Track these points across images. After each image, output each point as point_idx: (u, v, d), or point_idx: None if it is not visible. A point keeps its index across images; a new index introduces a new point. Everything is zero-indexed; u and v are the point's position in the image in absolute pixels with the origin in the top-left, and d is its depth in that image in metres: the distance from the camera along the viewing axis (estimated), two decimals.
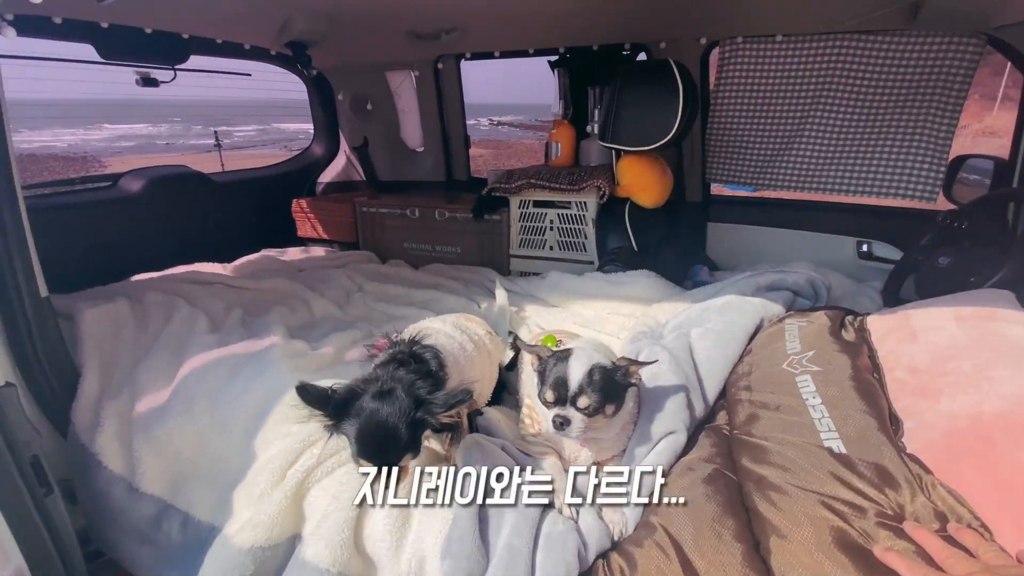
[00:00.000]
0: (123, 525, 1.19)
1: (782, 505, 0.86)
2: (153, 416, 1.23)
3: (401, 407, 0.89)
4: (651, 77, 1.89)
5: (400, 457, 0.90)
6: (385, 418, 0.89)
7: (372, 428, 0.90)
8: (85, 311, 1.47)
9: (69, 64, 2.28)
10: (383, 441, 0.89)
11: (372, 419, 0.90)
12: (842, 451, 0.91)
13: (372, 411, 0.90)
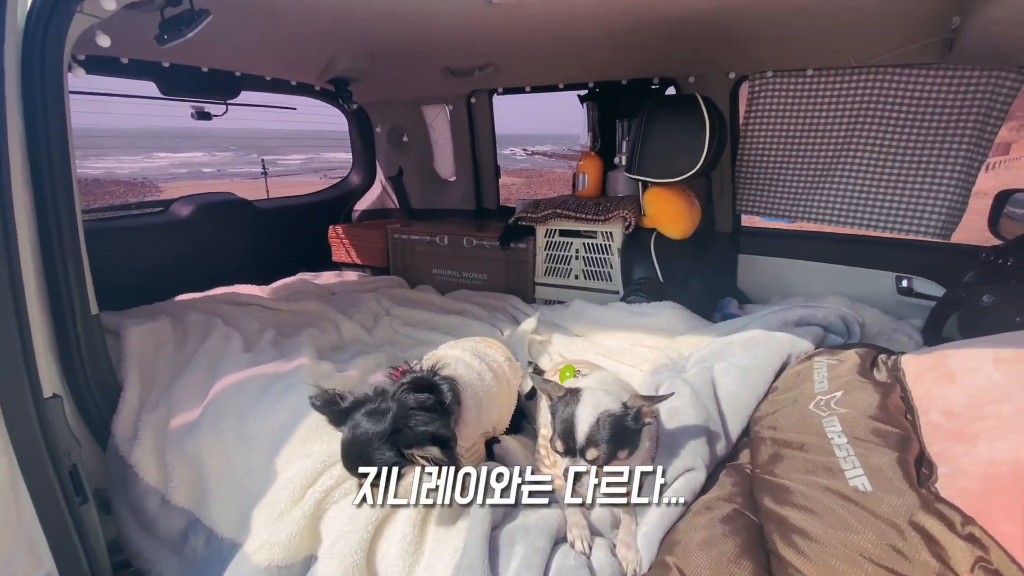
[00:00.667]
0: (154, 536, 1.23)
1: (810, 552, 0.82)
2: (185, 430, 1.28)
3: (381, 430, 0.96)
4: (678, 111, 1.92)
5: (359, 475, 0.97)
6: (363, 435, 0.96)
7: (349, 441, 0.98)
8: (130, 328, 1.56)
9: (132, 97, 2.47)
10: (355, 456, 0.97)
11: (353, 432, 0.98)
12: (867, 488, 0.87)
13: (355, 424, 0.98)
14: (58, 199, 1.22)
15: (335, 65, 2.59)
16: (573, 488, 0.97)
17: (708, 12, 1.85)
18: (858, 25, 1.93)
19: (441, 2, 1.78)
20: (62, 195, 1.22)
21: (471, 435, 1.12)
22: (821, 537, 0.84)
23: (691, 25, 2.00)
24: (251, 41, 2.25)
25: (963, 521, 0.80)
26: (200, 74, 2.39)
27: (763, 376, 1.28)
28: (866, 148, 2.22)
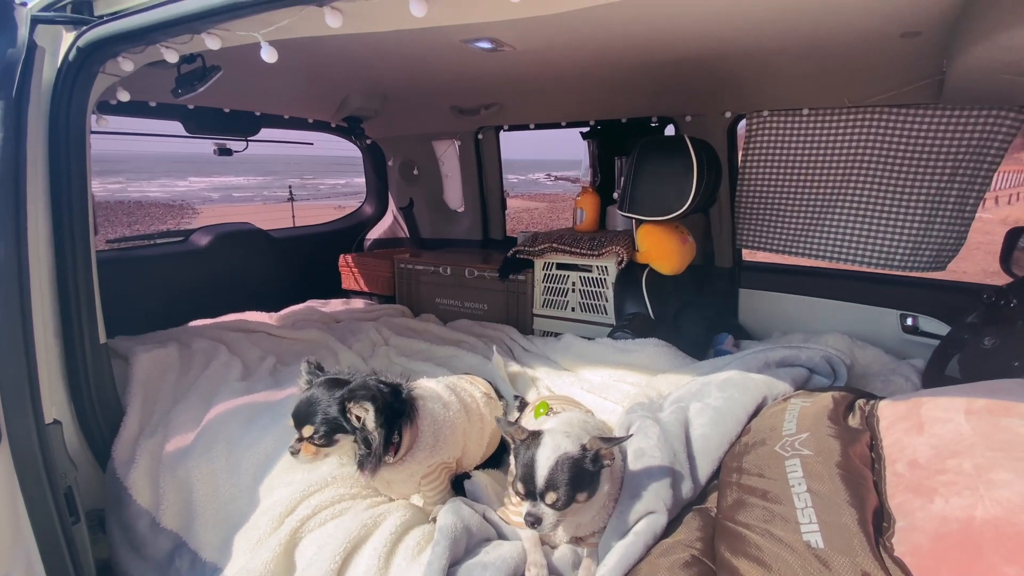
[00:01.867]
0: (143, 556, 1.29)
1: None
2: (178, 455, 1.35)
3: (333, 394, 1.08)
4: (667, 152, 1.97)
5: (302, 427, 1.08)
6: (315, 396, 1.10)
7: (303, 398, 1.11)
8: (139, 355, 1.66)
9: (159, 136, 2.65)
10: (303, 411, 1.09)
11: (309, 392, 1.12)
12: (820, 546, 0.87)
13: (314, 386, 1.12)
14: (75, 238, 1.33)
15: (349, 104, 2.74)
16: (534, 530, 1.00)
17: (702, 56, 1.92)
18: (849, 67, 1.97)
19: (448, 49, 1.88)
20: (79, 234, 1.34)
21: (425, 460, 1.15)
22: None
23: (686, 68, 2.07)
24: (270, 85, 2.41)
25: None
26: (223, 115, 2.56)
27: (736, 418, 1.29)
28: (861, 185, 2.23)
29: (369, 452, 1.05)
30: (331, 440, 1.07)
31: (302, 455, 1.08)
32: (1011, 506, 0.83)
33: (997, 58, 1.32)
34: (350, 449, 1.10)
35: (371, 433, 1.05)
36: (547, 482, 0.97)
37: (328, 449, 1.08)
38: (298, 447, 1.08)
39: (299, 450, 1.08)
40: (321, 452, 1.08)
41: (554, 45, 1.86)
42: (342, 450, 1.10)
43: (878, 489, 1.02)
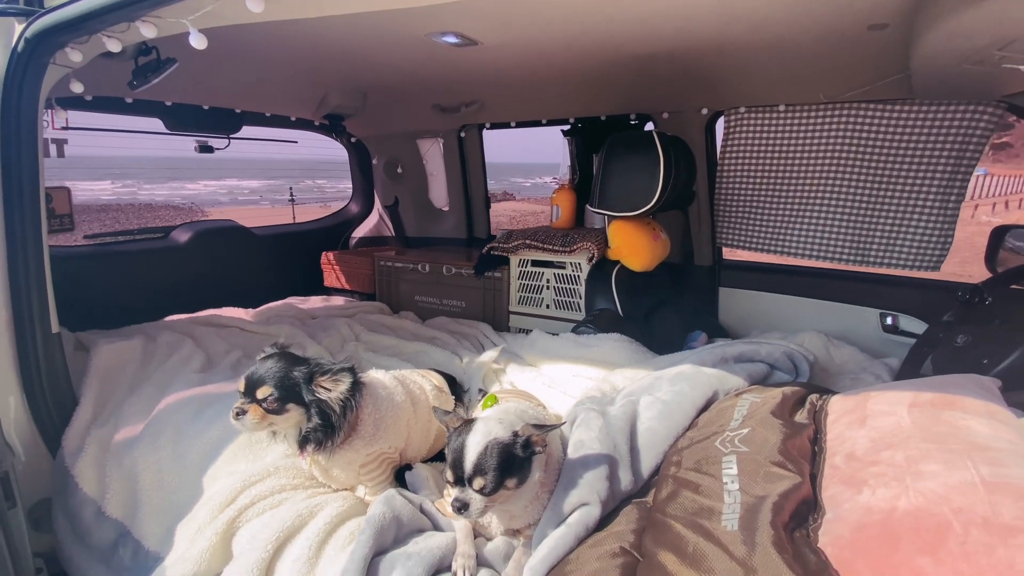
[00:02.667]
0: (88, 545, 1.29)
1: None
2: (126, 445, 1.35)
3: (281, 369, 1.11)
4: (635, 147, 1.95)
5: (252, 394, 1.09)
6: (270, 364, 1.12)
7: (258, 366, 1.13)
8: (100, 346, 1.67)
9: (138, 133, 2.67)
10: (254, 375, 1.11)
11: (266, 359, 1.14)
12: (734, 529, 0.85)
13: (271, 356, 1.15)
14: (26, 227, 1.34)
15: (329, 102, 2.76)
16: (460, 517, 0.98)
17: (674, 51, 1.91)
18: (822, 63, 1.94)
19: (417, 44, 1.88)
20: (30, 224, 1.34)
21: (363, 449, 1.15)
22: None
23: (660, 63, 2.06)
24: (247, 81, 2.43)
25: (818, 567, 0.78)
26: (202, 112, 2.58)
27: (684, 412, 1.27)
28: (840, 182, 2.21)
29: (322, 425, 1.06)
30: (282, 408, 1.08)
31: (248, 417, 1.08)
32: (933, 497, 0.80)
33: (952, 47, 1.29)
34: (295, 425, 1.10)
35: (334, 406, 1.05)
36: (475, 467, 0.95)
37: (275, 418, 1.09)
38: (246, 408, 1.08)
39: (246, 412, 1.08)
40: (267, 419, 1.09)
41: (524, 40, 1.85)
42: (286, 423, 1.10)
43: (814, 482, 1.00)
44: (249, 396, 1.08)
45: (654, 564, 0.88)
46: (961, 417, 1.00)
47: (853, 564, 0.78)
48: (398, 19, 1.64)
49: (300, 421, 1.10)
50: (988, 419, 0.99)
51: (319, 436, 1.08)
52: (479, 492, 0.96)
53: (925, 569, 0.71)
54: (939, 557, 0.71)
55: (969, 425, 0.97)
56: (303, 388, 1.08)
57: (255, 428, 1.09)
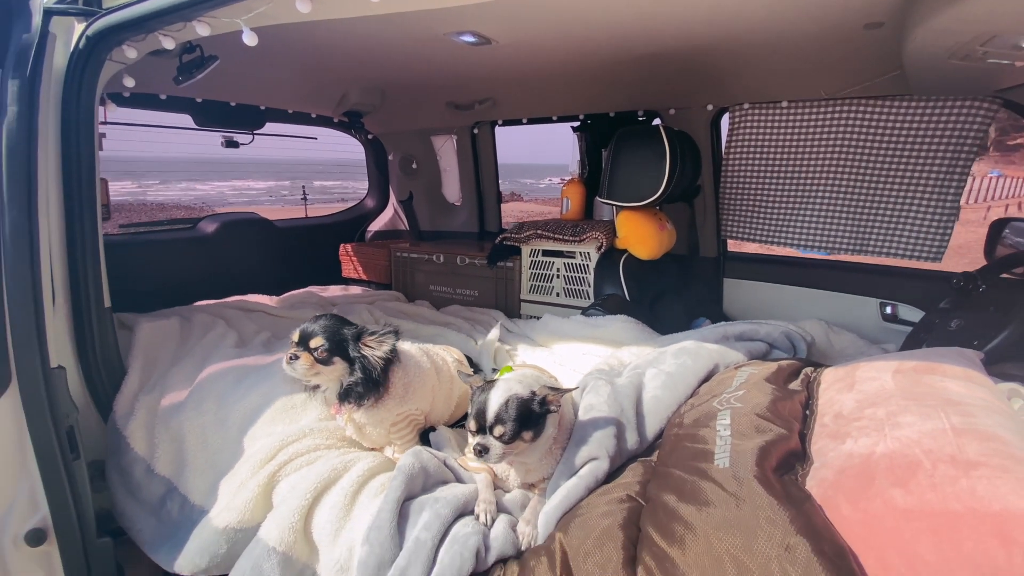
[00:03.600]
0: (139, 499, 1.41)
1: (665, 519, 0.91)
2: (172, 410, 1.47)
3: (332, 326, 1.25)
4: (642, 140, 2.05)
5: (305, 345, 1.23)
6: (322, 321, 1.26)
7: (311, 323, 1.27)
8: (142, 323, 1.79)
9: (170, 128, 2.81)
10: (308, 329, 1.25)
11: (319, 318, 1.28)
12: (726, 465, 0.95)
13: (323, 316, 1.29)
14: (84, 212, 1.47)
15: (348, 99, 2.88)
16: (480, 461, 1.09)
17: (680, 49, 2.00)
18: (822, 60, 2.03)
19: (435, 44, 2.00)
20: (87, 209, 1.47)
21: (394, 408, 1.26)
22: (681, 511, 0.92)
23: (667, 61, 2.16)
24: (272, 79, 2.56)
25: (800, 498, 0.87)
26: (229, 108, 2.71)
27: (687, 383, 1.37)
28: (841, 175, 2.29)
29: (365, 379, 1.17)
30: (330, 359, 1.20)
31: (300, 362, 1.21)
32: (907, 441, 0.90)
33: (939, 43, 1.38)
34: (337, 379, 1.21)
35: (376, 364, 1.17)
36: (496, 416, 1.06)
37: (322, 368, 1.21)
38: (299, 355, 1.21)
39: (299, 358, 1.21)
40: (315, 368, 1.22)
41: (536, 39, 1.96)
42: (329, 376, 1.22)
43: (804, 439, 1.10)
44: (302, 346, 1.21)
45: (657, 504, 0.98)
46: (940, 380, 1.10)
47: (834, 499, 0.88)
48: (420, 19, 1.75)
49: (342, 375, 1.22)
50: (965, 381, 1.08)
51: (359, 391, 1.20)
52: (498, 439, 1.07)
53: (896, 499, 0.81)
54: (909, 488, 0.81)
55: (946, 386, 1.07)
56: (350, 345, 1.21)
57: (304, 374, 1.22)
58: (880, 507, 0.82)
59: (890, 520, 0.80)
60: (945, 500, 0.77)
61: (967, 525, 0.73)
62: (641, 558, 0.90)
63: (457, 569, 0.95)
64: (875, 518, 0.81)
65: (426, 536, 1.00)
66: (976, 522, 0.73)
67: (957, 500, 0.77)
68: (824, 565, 0.74)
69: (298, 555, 1.14)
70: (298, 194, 24.61)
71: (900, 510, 0.79)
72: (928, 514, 0.77)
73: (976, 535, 0.72)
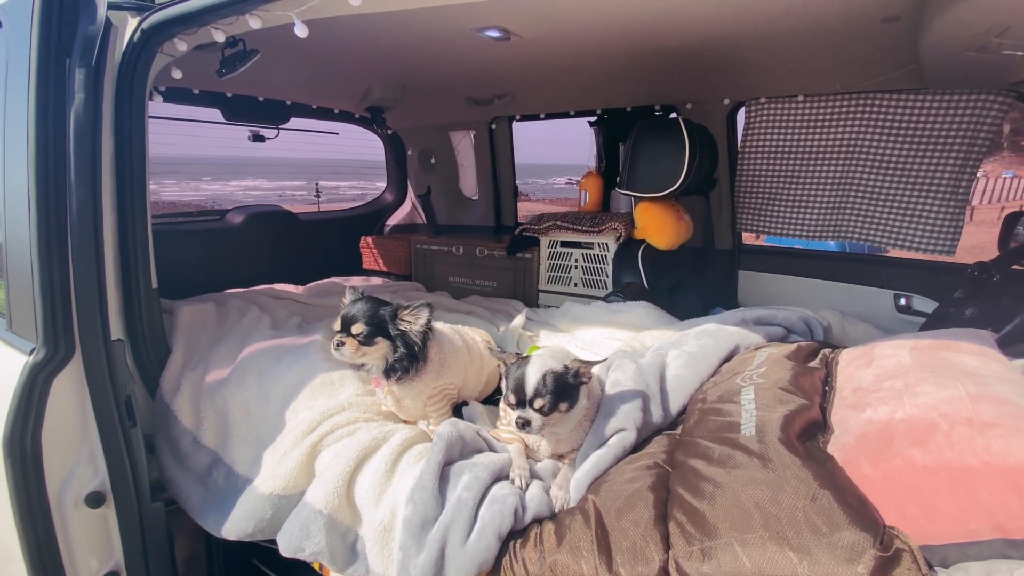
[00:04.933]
0: (186, 469, 1.49)
1: (693, 480, 0.97)
2: (216, 385, 1.55)
3: (370, 309, 1.32)
4: (662, 132, 2.11)
5: (348, 330, 1.30)
6: (360, 305, 1.33)
7: (350, 307, 1.34)
8: (182, 307, 1.88)
9: (210, 128, 2.90)
10: (348, 314, 1.32)
11: (357, 300, 1.36)
12: (751, 433, 1.01)
13: (360, 299, 1.36)
14: (135, 199, 1.54)
15: (371, 95, 2.95)
16: (521, 432, 1.16)
17: (697, 43, 2.06)
18: (838, 54, 2.08)
19: (460, 39, 2.07)
20: (138, 196, 1.55)
21: (431, 381, 1.33)
22: (709, 473, 0.99)
23: (684, 55, 2.21)
24: (299, 75, 2.64)
25: (822, 457, 0.93)
26: (257, 103, 2.79)
27: (708, 363, 1.43)
28: (856, 169, 2.33)
29: (408, 353, 1.24)
30: (371, 340, 1.27)
31: (346, 348, 1.28)
32: (924, 407, 0.96)
33: (955, 35, 1.43)
34: (381, 357, 1.28)
35: (416, 337, 1.24)
36: (535, 390, 1.13)
37: (367, 349, 1.28)
38: (344, 341, 1.28)
39: (344, 343, 1.28)
40: (360, 351, 1.29)
41: (559, 33, 2.02)
42: (374, 355, 1.29)
43: (823, 411, 1.15)
44: (345, 332, 1.28)
45: (685, 468, 1.04)
46: (956, 355, 1.15)
47: (855, 460, 0.93)
48: (448, 14, 1.82)
49: (386, 352, 1.29)
50: (980, 356, 1.14)
51: (404, 364, 1.27)
52: (538, 411, 1.13)
53: (915, 457, 0.87)
54: (927, 448, 0.87)
55: (962, 360, 1.12)
56: (389, 323, 1.27)
57: (351, 358, 1.29)
58: (900, 465, 0.87)
59: (909, 476, 0.85)
60: (962, 456, 0.83)
61: (982, 478, 0.79)
62: (672, 514, 0.96)
63: (498, 525, 1.02)
64: (895, 475, 0.87)
65: (467, 496, 1.07)
66: (991, 475, 0.78)
67: (973, 456, 0.82)
68: (847, 512, 0.80)
69: (342, 518, 1.21)
70: (307, 193, 24.92)
71: (919, 467, 0.85)
72: (945, 469, 0.82)
73: (991, 486, 0.78)
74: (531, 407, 1.14)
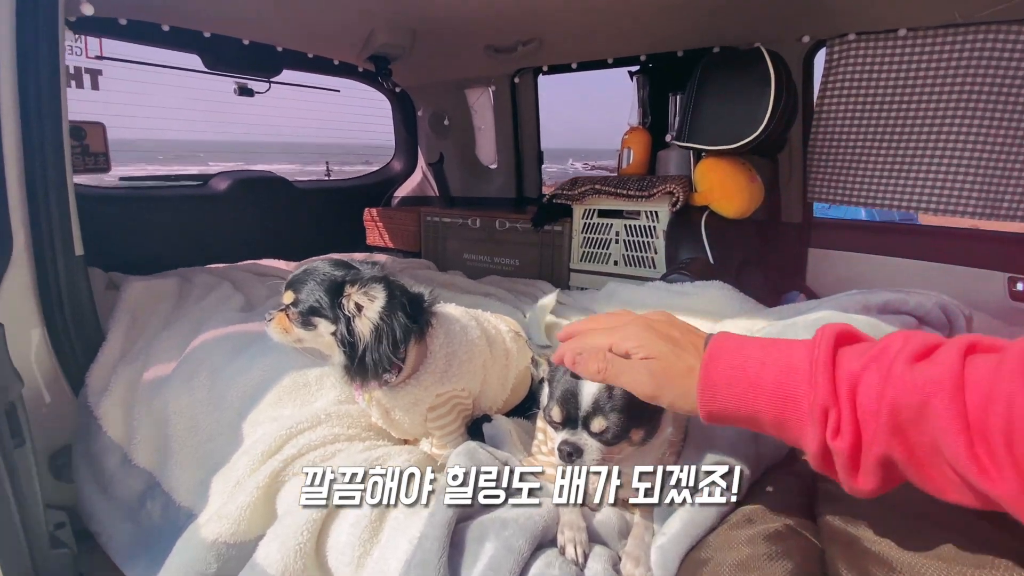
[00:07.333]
0: (111, 496, 1.13)
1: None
2: (156, 385, 1.18)
3: (315, 274, 0.90)
4: (738, 65, 1.67)
5: (291, 296, 0.92)
6: (312, 266, 0.93)
7: (298, 270, 0.95)
8: (132, 282, 1.50)
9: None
10: (293, 277, 0.94)
11: (306, 266, 0.95)
12: None
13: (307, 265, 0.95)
14: (45, 140, 1.16)
15: (375, 40, 2.53)
16: (568, 469, 0.76)
17: None
18: None
19: None
20: (50, 136, 1.17)
21: (433, 387, 0.93)
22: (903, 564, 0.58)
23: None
24: (288, 12, 2.22)
25: None
26: (242, 48, 2.39)
27: None
28: (973, 122, 1.86)
29: (354, 357, 0.84)
30: (308, 320, 0.87)
31: (274, 324, 0.91)
32: None
33: None
34: (333, 348, 0.89)
35: (364, 329, 0.83)
36: (594, 404, 0.72)
37: (302, 333, 0.89)
38: (274, 315, 0.92)
39: (273, 318, 0.91)
40: (293, 333, 0.90)
41: None
42: (318, 343, 0.90)
43: None
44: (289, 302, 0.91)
45: (854, 546, 0.63)
46: None
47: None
48: None
49: (335, 344, 0.89)
50: None
51: (362, 367, 0.86)
52: (597, 437, 0.73)
53: None
54: None
55: None
56: (331, 301, 0.87)
57: (281, 340, 0.92)
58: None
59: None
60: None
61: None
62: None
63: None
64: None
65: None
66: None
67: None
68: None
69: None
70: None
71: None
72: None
73: None
74: (586, 429, 0.74)
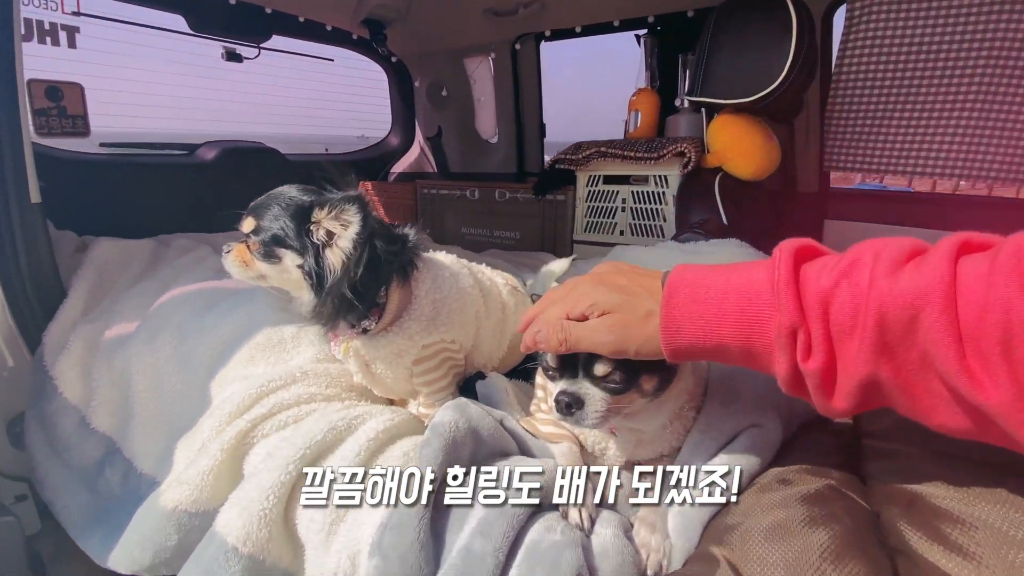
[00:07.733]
0: (67, 463, 1.02)
1: (972, 548, 0.45)
2: (118, 343, 1.07)
3: (279, 199, 0.80)
4: (757, 12, 1.53)
5: (252, 223, 0.81)
6: (279, 190, 0.83)
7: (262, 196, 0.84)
8: (102, 242, 1.39)
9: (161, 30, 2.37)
10: (255, 202, 0.84)
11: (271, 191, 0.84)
12: None
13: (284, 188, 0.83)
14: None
15: (368, 1, 2.41)
16: (566, 421, 0.65)
17: None
18: None
19: None
20: None
21: (418, 336, 0.82)
22: (978, 520, 0.47)
23: None
24: None
25: None
26: (228, 8, 2.26)
27: None
28: (1002, 82, 1.73)
29: (322, 291, 0.73)
30: (271, 252, 0.76)
31: (231, 257, 0.81)
32: None
33: None
34: (300, 286, 0.78)
35: (336, 260, 0.72)
36: None
37: (264, 267, 0.78)
38: (232, 246, 0.82)
39: (231, 250, 0.82)
40: (254, 267, 0.80)
41: None
42: (283, 280, 0.79)
43: None
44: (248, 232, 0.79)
45: (917, 504, 0.52)
46: None
47: None
48: None
49: (303, 280, 0.78)
50: None
51: (330, 308, 0.75)
52: (600, 383, 0.62)
53: None
54: None
55: None
56: (298, 228, 0.76)
57: (241, 275, 0.81)
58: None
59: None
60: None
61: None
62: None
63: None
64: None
65: (483, 546, 0.56)
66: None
67: None
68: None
69: (274, 559, 0.72)
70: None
71: None
72: None
73: None
74: (588, 377, 0.62)
